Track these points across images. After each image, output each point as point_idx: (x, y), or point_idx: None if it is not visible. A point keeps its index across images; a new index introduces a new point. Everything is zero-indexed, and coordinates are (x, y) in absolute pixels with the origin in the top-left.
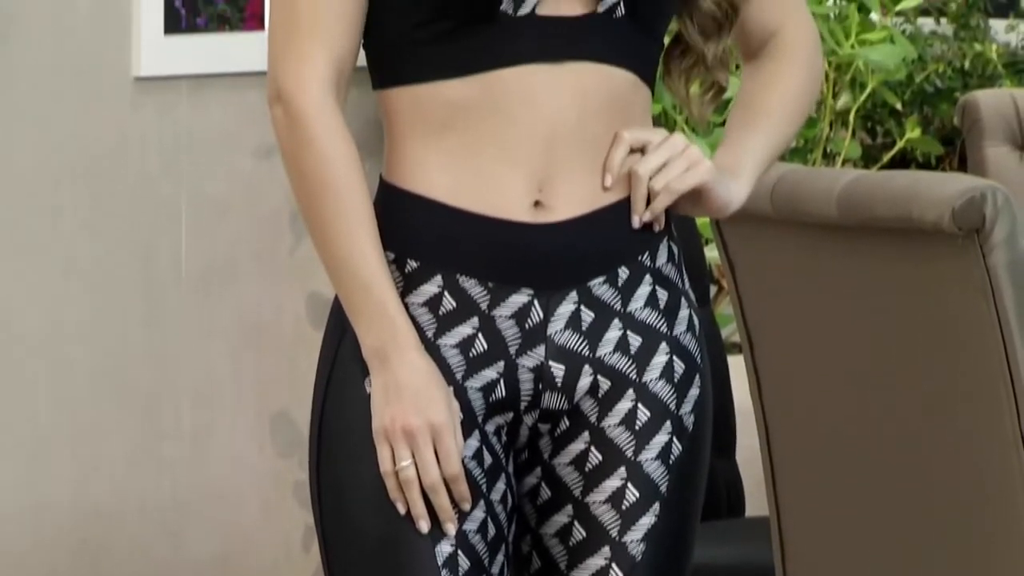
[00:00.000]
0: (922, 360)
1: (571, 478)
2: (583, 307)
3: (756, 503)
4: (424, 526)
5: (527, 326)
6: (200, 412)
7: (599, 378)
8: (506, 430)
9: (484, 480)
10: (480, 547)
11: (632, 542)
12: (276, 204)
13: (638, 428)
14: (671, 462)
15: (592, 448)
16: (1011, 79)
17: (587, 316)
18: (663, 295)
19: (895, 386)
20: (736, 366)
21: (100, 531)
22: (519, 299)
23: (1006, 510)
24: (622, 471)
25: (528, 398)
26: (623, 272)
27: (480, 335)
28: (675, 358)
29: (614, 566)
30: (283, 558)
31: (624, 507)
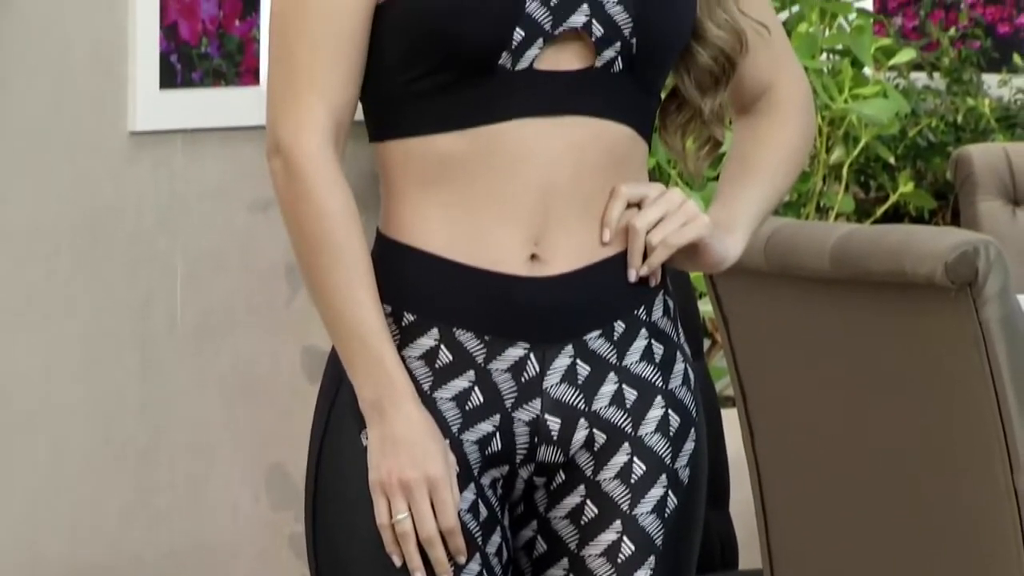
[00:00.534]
0: (916, 413)
1: (567, 531)
2: (579, 361)
3: (749, 555)
4: None
5: (523, 379)
6: (195, 464)
7: (595, 432)
8: (502, 483)
9: (480, 533)
10: None
11: None
12: (272, 257)
13: (634, 481)
14: (666, 515)
15: (588, 501)
16: (1004, 134)
17: (583, 370)
18: (659, 349)
19: (889, 438)
20: (730, 419)
21: None
22: (515, 353)
23: (1000, 558)
24: (617, 524)
25: (524, 451)
26: (619, 326)
27: (476, 388)
28: (671, 412)
29: None
30: None
31: (620, 560)
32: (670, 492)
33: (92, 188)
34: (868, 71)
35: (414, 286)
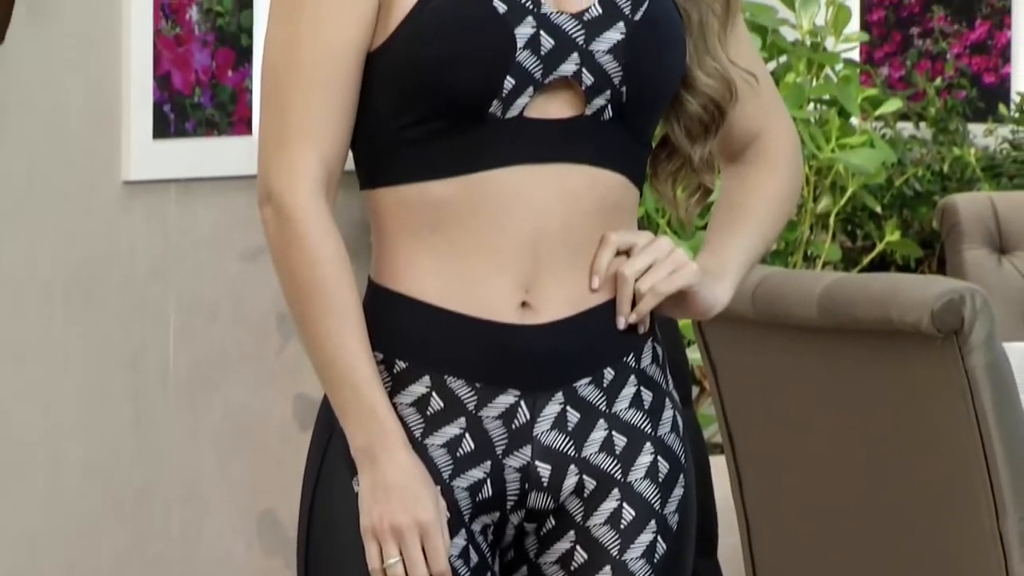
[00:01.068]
0: (902, 459)
1: None
2: (569, 408)
3: None
4: None
5: (514, 426)
6: (188, 512)
7: (584, 478)
8: (492, 529)
9: None
10: None
11: None
12: (263, 306)
13: (623, 527)
14: (656, 561)
15: (577, 547)
16: (989, 183)
17: (573, 417)
18: (647, 396)
19: (876, 485)
20: (718, 466)
21: None
22: (506, 400)
23: None
24: (607, 570)
25: (514, 498)
26: (608, 373)
27: (467, 435)
28: (660, 458)
29: None
30: None
31: None
32: (659, 538)
33: (86, 237)
34: (855, 121)
35: (405, 334)
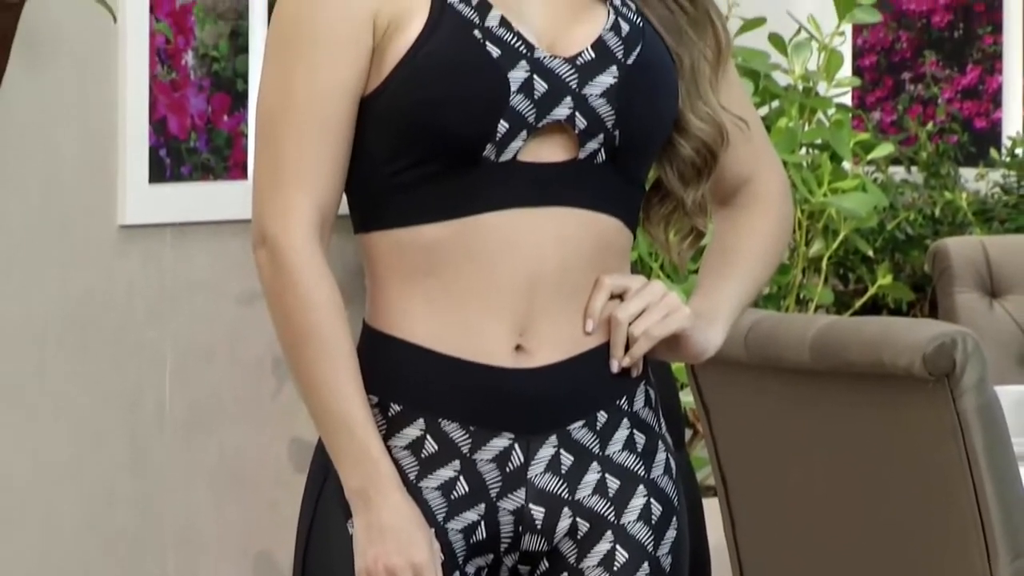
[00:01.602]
0: (895, 501)
1: None
2: (562, 451)
3: None
4: None
5: (508, 469)
6: (184, 554)
7: (578, 520)
8: (486, 571)
9: None
10: None
11: None
12: (259, 350)
13: (616, 569)
14: None
15: None
16: (981, 227)
17: (566, 459)
18: (640, 439)
19: (869, 527)
20: (711, 508)
21: None
22: (500, 443)
23: None
24: None
25: (508, 540)
26: (601, 416)
27: (462, 478)
28: (653, 500)
29: None
30: None
31: None
32: None
33: (82, 281)
34: (847, 165)
35: (400, 377)
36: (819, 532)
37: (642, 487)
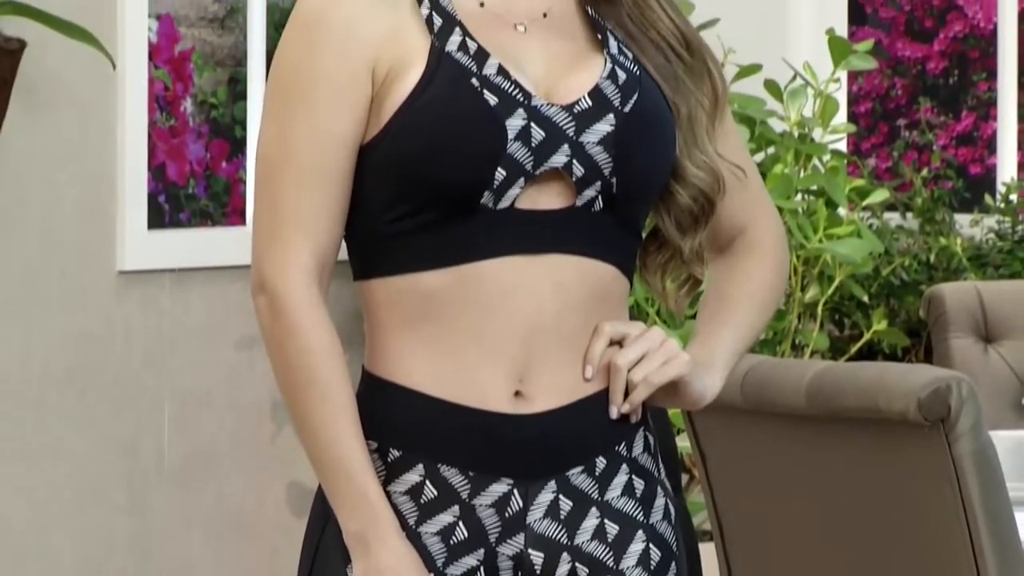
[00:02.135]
0: (890, 546)
1: None
2: (561, 496)
3: None
4: None
5: (507, 515)
6: None
7: (577, 566)
8: None
9: None
10: None
11: None
12: (257, 395)
13: None
14: None
15: None
16: (976, 272)
17: (565, 505)
18: (639, 484)
19: (864, 571)
20: (707, 553)
21: None
22: (499, 488)
23: None
24: None
25: None
26: (600, 462)
27: (461, 523)
28: (651, 546)
29: None
30: None
31: None
32: None
33: (81, 326)
34: (842, 211)
35: (399, 423)
36: None
37: (641, 532)
